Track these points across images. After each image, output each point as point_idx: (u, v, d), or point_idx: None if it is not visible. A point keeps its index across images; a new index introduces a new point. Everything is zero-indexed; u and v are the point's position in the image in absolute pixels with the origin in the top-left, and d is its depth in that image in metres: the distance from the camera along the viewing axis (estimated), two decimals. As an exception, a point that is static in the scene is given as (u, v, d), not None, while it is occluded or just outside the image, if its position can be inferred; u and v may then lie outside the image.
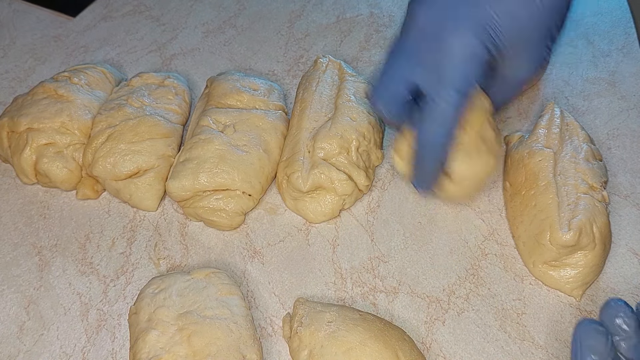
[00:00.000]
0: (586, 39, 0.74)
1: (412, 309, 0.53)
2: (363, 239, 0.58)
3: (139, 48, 0.78)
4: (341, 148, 0.58)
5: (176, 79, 0.68)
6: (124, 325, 0.53)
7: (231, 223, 0.58)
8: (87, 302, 0.55)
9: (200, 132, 0.60)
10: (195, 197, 0.58)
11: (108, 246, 0.59)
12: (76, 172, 0.61)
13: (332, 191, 0.58)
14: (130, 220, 0.61)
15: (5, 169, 0.66)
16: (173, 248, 0.58)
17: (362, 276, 0.55)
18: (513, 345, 0.50)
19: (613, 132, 0.64)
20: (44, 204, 0.62)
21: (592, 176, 0.54)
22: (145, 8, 0.84)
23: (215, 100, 0.64)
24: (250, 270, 0.57)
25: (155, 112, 0.63)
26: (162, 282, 0.51)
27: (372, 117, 0.61)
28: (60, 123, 0.61)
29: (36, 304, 0.55)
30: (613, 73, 0.70)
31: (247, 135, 0.60)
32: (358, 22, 0.79)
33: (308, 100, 0.63)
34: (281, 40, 0.78)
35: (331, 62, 0.67)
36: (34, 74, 0.76)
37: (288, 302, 0.54)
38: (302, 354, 0.47)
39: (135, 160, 0.59)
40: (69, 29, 0.81)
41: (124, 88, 0.66)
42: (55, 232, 0.60)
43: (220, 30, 0.80)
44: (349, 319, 0.48)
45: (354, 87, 0.63)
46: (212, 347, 0.46)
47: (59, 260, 0.58)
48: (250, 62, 0.75)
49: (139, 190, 0.60)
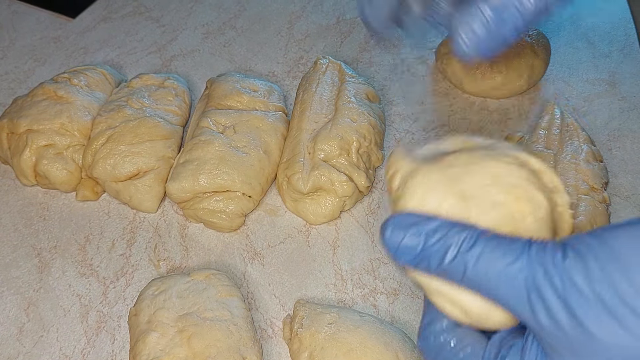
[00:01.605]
0: (586, 40, 0.74)
1: (412, 310, 0.53)
2: (363, 241, 0.58)
3: (139, 49, 0.78)
4: (341, 149, 0.58)
5: (176, 80, 0.68)
6: (124, 327, 0.53)
7: (231, 225, 0.58)
8: (87, 304, 0.55)
9: (200, 134, 0.60)
10: (195, 199, 0.58)
11: (108, 248, 0.59)
12: (76, 174, 0.61)
13: (332, 192, 0.58)
14: (130, 221, 0.61)
15: (5, 171, 0.65)
16: (173, 249, 0.58)
17: (362, 277, 0.55)
18: (514, 347, 0.50)
19: (613, 133, 0.64)
20: (44, 206, 0.62)
21: (592, 177, 0.54)
22: (145, 9, 0.84)
23: (215, 102, 0.63)
24: (250, 272, 0.56)
25: (155, 114, 0.63)
26: (162, 283, 0.51)
27: (373, 118, 0.61)
28: (60, 124, 0.61)
29: (36, 305, 0.55)
30: (613, 74, 0.70)
31: (247, 137, 0.60)
32: (358, 23, 0.79)
33: (308, 102, 0.63)
34: (281, 41, 0.78)
35: (331, 64, 0.67)
36: (33, 75, 0.76)
37: (288, 304, 0.54)
38: (303, 355, 0.47)
39: (135, 162, 0.59)
40: (68, 31, 0.81)
41: (124, 89, 0.66)
42: (54, 234, 0.60)
43: (220, 31, 0.80)
44: (350, 321, 0.48)
45: (354, 89, 0.63)
46: (212, 349, 0.46)
47: (58, 261, 0.58)
48: (250, 64, 0.75)
49: (139, 191, 0.60)
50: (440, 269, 0.31)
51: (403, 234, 0.32)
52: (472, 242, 0.30)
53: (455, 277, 0.31)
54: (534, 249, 0.28)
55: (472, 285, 0.30)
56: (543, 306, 0.28)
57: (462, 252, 0.30)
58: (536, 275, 0.28)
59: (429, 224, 0.31)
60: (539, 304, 0.28)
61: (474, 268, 0.30)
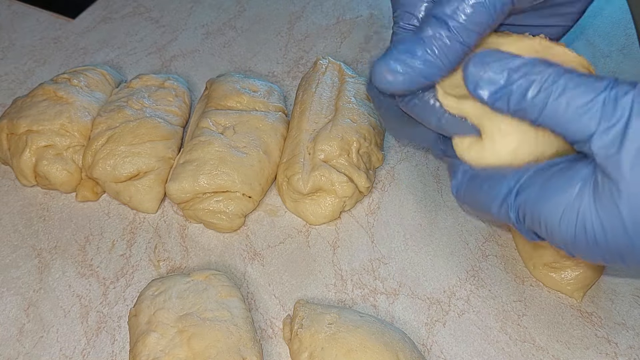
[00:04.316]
0: (586, 40, 0.74)
1: (412, 310, 0.53)
2: (363, 241, 0.58)
3: (139, 50, 0.78)
4: (342, 150, 0.58)
5: (176, 81, 0.68)
6: (124, 328, 0.53)
7: (231, 225, 0.58)
8: (87, 305, 0.55)
9: (200, 134, 0.60)
10: (195, 199, 0.58)
11: (108, 248, 0.59)
12: (76, 174, 0.61)
13: (332, 193, 0.58)
14: (130, 222, 0.61)
15: (5, 171, 0.65)
16: (173, 250, 0.58)
17: (362, 278, 0.55)
18: (514, 347, 0.50)
19: (613, 133, 0.64)
20: (44, 206, 0.62)
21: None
22: (145, 9, 0.84)
23: (215, 102, 0.63)
24: (250, 272, 0.56)
25: (155, 114, 0.63)
26: (161, 284, 0.51)
27: (373, 119, 0.61)
28: (60, 125, 0.61)
29: (36, 306, 0.55)
30: (613, 74, 0.70)
31: (247, 137, 0.60)
32: (358, 23, 0.79)
33: (308, 102, 0.63)
34: (281, 41, 0.78)
35: (331, 64, 0.67)
36: (33, 75, 0.76)
37: (288, 304, 0.54)
38: (303, 356, 0.47)
39: (135, 163, 0.59)
40: (68, 31, 0.81)
41: (124, 90, 0.66)
42: (54, 234, 0.60)
43: (220, 31, 0.80)
44: (350, 321, 0.48)
45: (354, 89, 0.63)
46: (212, 349, 0.46)
47: (58, 262, 0.58)
48: (250, 64, 0.75)
49: (139, 192, 0.60)
50: (520, 105, 0.32)
51: (485, 69, 0.33)
52: (557, 79, 0.31)
53: (532, 114, 0.32)
54: (619, 86, 0.31)
55: (548, 121, 0.32)
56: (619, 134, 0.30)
57: (545, 87, 0.31)
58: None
59: (513, 60, 0.33)
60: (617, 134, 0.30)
61: (555, 102, 0.31)
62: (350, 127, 0.59)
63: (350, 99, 0.62)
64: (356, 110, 0.61)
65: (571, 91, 0.31)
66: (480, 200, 0.38)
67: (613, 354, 0.50)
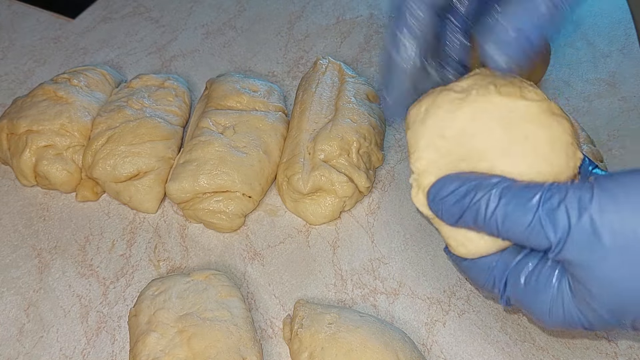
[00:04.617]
0: (586, 40, 0.74)
1: (412, 310, 0.53)
2: (363, 241, 0.58)
3: (139, 49, 0.78)
4: (342, 150, 0.58)
5: (176, 81, 0.68)
6: (124, 328, 0.53)
7: (231, 225, 0.58)
8: (87, 304, 0.55)
9: (200, 134, 0.60)
10: (195, 199, 0.58)
11: (108, 248, 0.59)
12: (76, 174, 0.61)
13: (332, 193, 0.58)
14: (130, 222, 0.61)
15: (5, 171, 0.65)
16: (173, 250, 0.58)
17: (362, 278, 0.55)
18: (514, 347, 0.50)
19: (614, 134, 0.64)
20: (44, 206, 0.62)
21: (592, 177, 0.54)
22: (145, 9, 0.84)
23: (215, 102, 0.63)
24: (250, 272, 0.56)
25: (155, 114, 0.63)
26: (161, 284, 0.51)
27: (373, 119, 0.61)
28: (60, 125, 0.61)
29: (36, 306, 0.55)
30: (613, 74, 0.70)
31: (247, 137, 0.60)
32: (358, 23, 0.79)
33: (308, 102, 0.63)
34: (281, 41, 0.78)
35: (331, 64, 0.67)
36: (33, 75, 0.76)
37: (288, 304, 0.54)
38: (303, 355, 0.47)
39: (135, 163, 0.59)
40: (68, 31, 0.81)
41: (124, 90, 0.66)
42: (54, 234, 0.60)
43: (220, 31, 0.80)
44: (350, 321, 0.48)
45: (354, 89, 0.63)
46: (212, 349, 0.46)
47: (58, 262, 0.58)
48: (250, 64, 0.75)
49: (139, 192, 0.60)
50: (479, 225, 0.37)
51: (441, 204, 0.39)
52: (495, 200, 0.36)
53: (492, 231, 0.37)
54: (552, 197, 0.34)
55: (508, 237, 0.37)
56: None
57: (490, 212, 0.36)
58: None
59: (460, 189, 0.37)
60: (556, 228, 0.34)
61: (503, 225, 0.36)
62: (350, 127, 0.59)
63: (350, 99, 0.62)
64: (356, 110, 0.61)
65: (511, 215, 0.35)
66: (470, 277, 0.42)
67: (613, 354, 0.50)
